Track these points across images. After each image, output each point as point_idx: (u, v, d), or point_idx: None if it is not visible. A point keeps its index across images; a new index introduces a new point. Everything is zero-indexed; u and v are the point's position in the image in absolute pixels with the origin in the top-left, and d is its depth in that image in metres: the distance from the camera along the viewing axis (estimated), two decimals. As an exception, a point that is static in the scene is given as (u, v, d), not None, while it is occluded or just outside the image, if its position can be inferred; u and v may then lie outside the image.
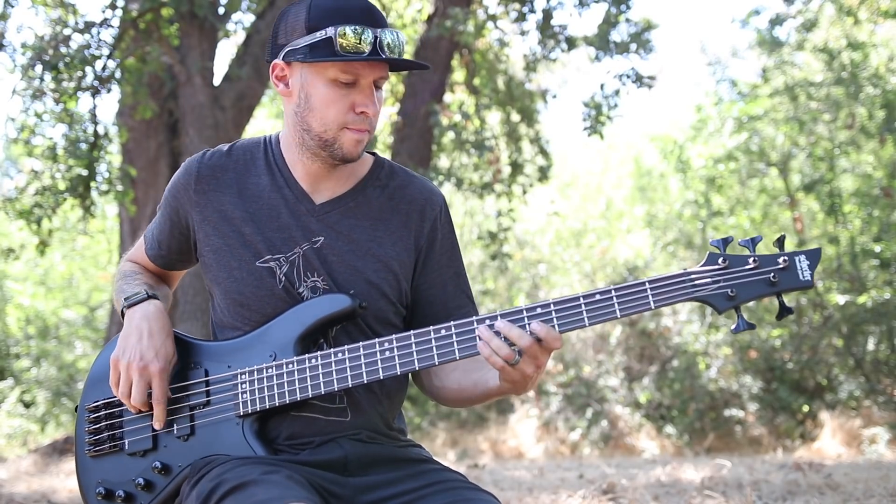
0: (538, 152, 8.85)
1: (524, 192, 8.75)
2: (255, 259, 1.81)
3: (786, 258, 1.56)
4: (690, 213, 11.45)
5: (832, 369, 9.82)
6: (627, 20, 7.79)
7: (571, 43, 8.10)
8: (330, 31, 1.70)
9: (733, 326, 1.59)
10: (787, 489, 4.58)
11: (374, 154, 1.96)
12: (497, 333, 1.61)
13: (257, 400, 1.74)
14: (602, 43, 7.74)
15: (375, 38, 1.71)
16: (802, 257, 1.56)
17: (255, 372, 1.75)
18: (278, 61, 1.79)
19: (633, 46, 7.72)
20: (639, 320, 10.53)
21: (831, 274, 9.89)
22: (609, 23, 7.70)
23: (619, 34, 7.80)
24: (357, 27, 1.70)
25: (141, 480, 1.78)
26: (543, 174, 8.71)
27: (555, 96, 9.17)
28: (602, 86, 7.84)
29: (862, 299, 9.41)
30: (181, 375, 1.82)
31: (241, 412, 1.74)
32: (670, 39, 32.70)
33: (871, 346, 9.74)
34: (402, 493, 1.72)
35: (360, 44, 1.70)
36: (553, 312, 1.62)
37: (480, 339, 1.62)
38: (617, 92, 7.80)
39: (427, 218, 1.90)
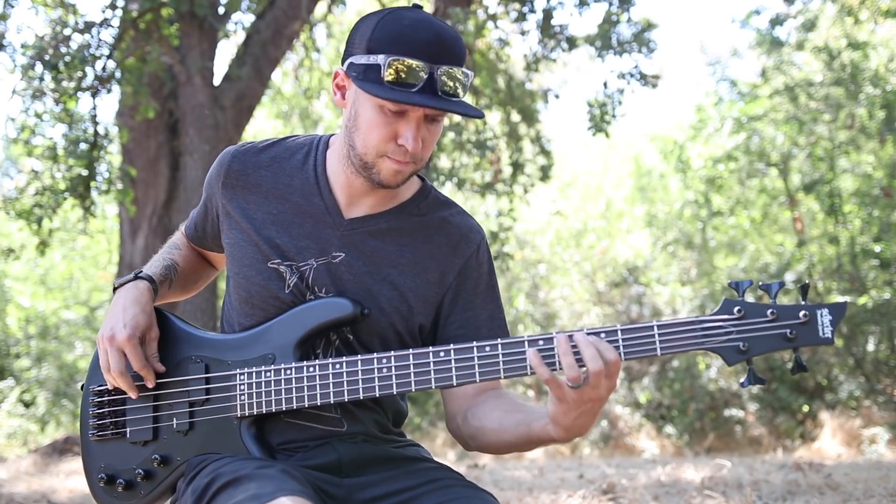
0: (539, 152, 8.85)
1: (525, 192, 8.75)
2: (266, 260, 1.79)
3: (807, 313, 1.46)
4: (690, 213, 11.45)
5: (832, 369, 9.81)
6: (629, 20, 7.79)
7: (572, 42, 8.10)
8: (381, 58, 1.62)
9: (742, 380, 1.52)
10: (787, 489, 4.58)
11: (423, 179, 1.90)
12: (573, 350, 1.52)
13: (254, 404, 1.73)
14: (605, 42, 7.74)
15: (430, 75, 1.62)
16: (825, 311, 1.46)
17: (254, 374, 1.74)
18: (340, 70, 1.73)
19: (636, 46, 7.72)
20: (638, 319, 10.54)
21: (831, 274, 9.89)
22: (610, 22, 7.70)
23: (620, 33, 7.81)
24: (410, 61, 1.60)
25: (141, 471, 1.80)
26: (545, 173, 8.71)
27: (557, 96, 9.17)
28: (605, 84, 7.83)
29: (862, 300, 9.41)
30: (182, 368, 1.81)
31: (238, 414, 1.74)
32: (670, 39, 32.71)
33: (871, 346, 9.74)
34: (398, 490, 1.70)
35: (409, 80, 1.61)
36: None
37: (556, 352, 1.53)
38: (622, 91, 7.80)
39: (459, 255, 1.83)
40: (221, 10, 7.80)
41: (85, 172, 6.85)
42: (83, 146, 6.92)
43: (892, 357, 9.65)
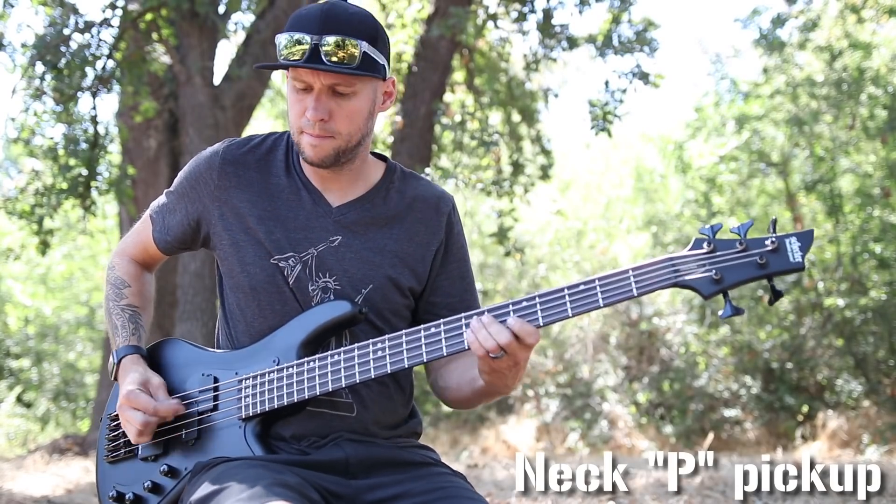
0: (539, 152, 8.85)
1: (525, 192, 8.75)
2: (268, 256, 1.85)
3: (774, 240, 1.51)
4: (690, 213, 11.45)
5: (832, 370, 9.81)
6: (629, 21, 7.79)
7: (573, 42, 8.10)
8: (277, 38, 1.77)
9: (721, 312, 1.55)
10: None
11: (385, 159, 1.99)
12: (485, 326, 1.64)
13: (258, 403, 1.78)
14: (606, 41, 7.75)
15: (314, 45, 1.72)
16: (793, 239, 1.51)
17: (259, 376, 1.80)
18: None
19: (637, 45, 7.72)
20: (639, 320, 10.53)
21: (831, 274, 9.89)
22: (614, 21, 7.71)
23: (622, 32, 7.81)
24: (293, 34, 1.74)
25: (149, 483, 1.84)
26: (545, 173, 8.71)
27: (556, 95, 9.16)
28: (606, 83, 7.82)
29: (862, 300, 9.41)
30: (192, 383, 1.88)
31: (243, 415, 1.79)
32: (670, 39, 32.70)
33: (871, 346, 9.74)
34: (405, 494, 1.73)
35: (292, 51, 1.73)
36: (538, 305, 1.63)
37: (470, 329, 1.64)
38: (624, 91, 7.80)
39: (442, 213, 1.94)
40: (222, 10, 7.80)
41: (85, 172, 6.86)
42: (83, 146, 6.92)
43: (892, 357, 9.65)
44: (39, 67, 6.58)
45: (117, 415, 1.90)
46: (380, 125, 8.68)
